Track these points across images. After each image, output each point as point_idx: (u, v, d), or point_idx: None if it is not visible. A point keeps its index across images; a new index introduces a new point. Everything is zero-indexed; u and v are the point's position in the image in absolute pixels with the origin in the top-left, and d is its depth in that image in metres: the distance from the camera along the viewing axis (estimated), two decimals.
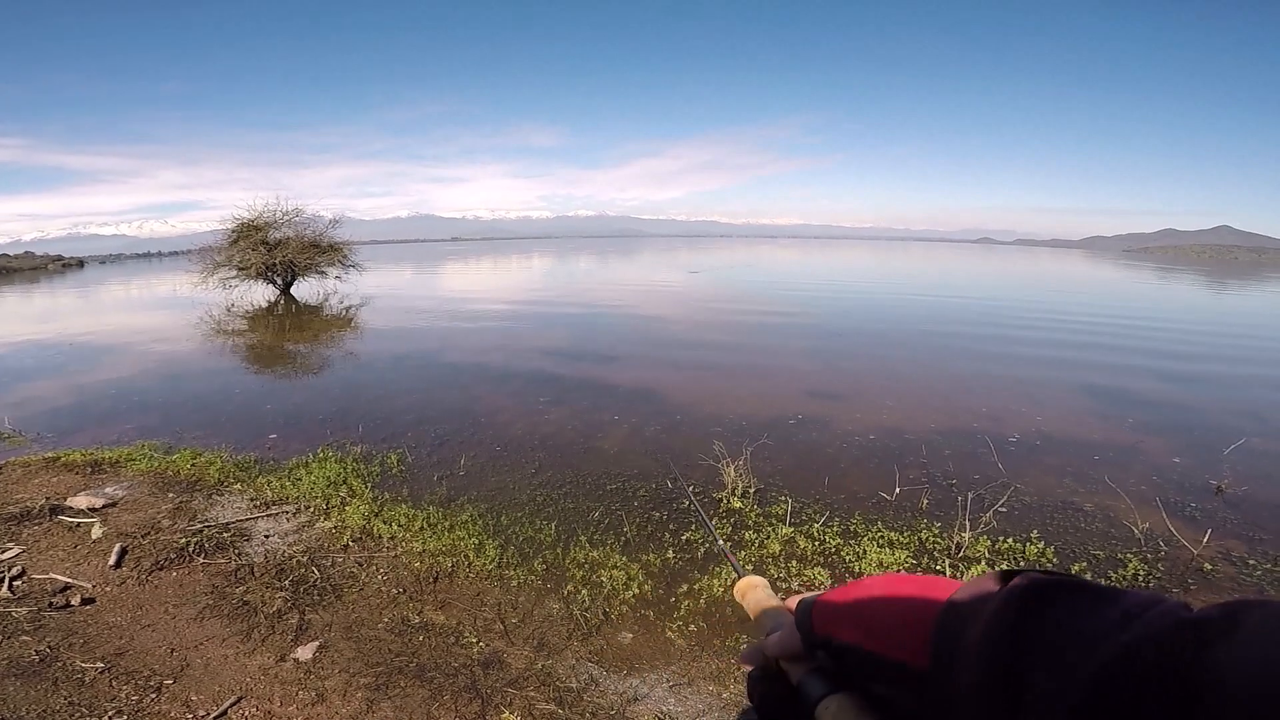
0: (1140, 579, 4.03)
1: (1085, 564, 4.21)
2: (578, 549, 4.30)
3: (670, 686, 3.01)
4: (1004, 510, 4.86)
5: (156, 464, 5.86)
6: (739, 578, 0.76)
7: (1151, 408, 8.26)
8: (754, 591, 0.72)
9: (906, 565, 4.16)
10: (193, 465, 5.80)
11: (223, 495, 5.18)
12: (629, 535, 4.56)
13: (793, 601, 0.63)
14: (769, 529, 4.61)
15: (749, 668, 0.60)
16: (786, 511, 4.85)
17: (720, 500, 5.12)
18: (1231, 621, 0.29)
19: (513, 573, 3.99)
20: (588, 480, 5.61)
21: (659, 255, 66.02)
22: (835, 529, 4.65)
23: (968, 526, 4.44)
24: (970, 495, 4.97)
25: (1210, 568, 4.18)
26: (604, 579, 3.91)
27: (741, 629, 3.51)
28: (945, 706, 0.39)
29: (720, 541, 0.91)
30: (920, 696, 0.42)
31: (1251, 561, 4.27)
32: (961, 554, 4.29)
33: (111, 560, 4.02)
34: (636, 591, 3.81)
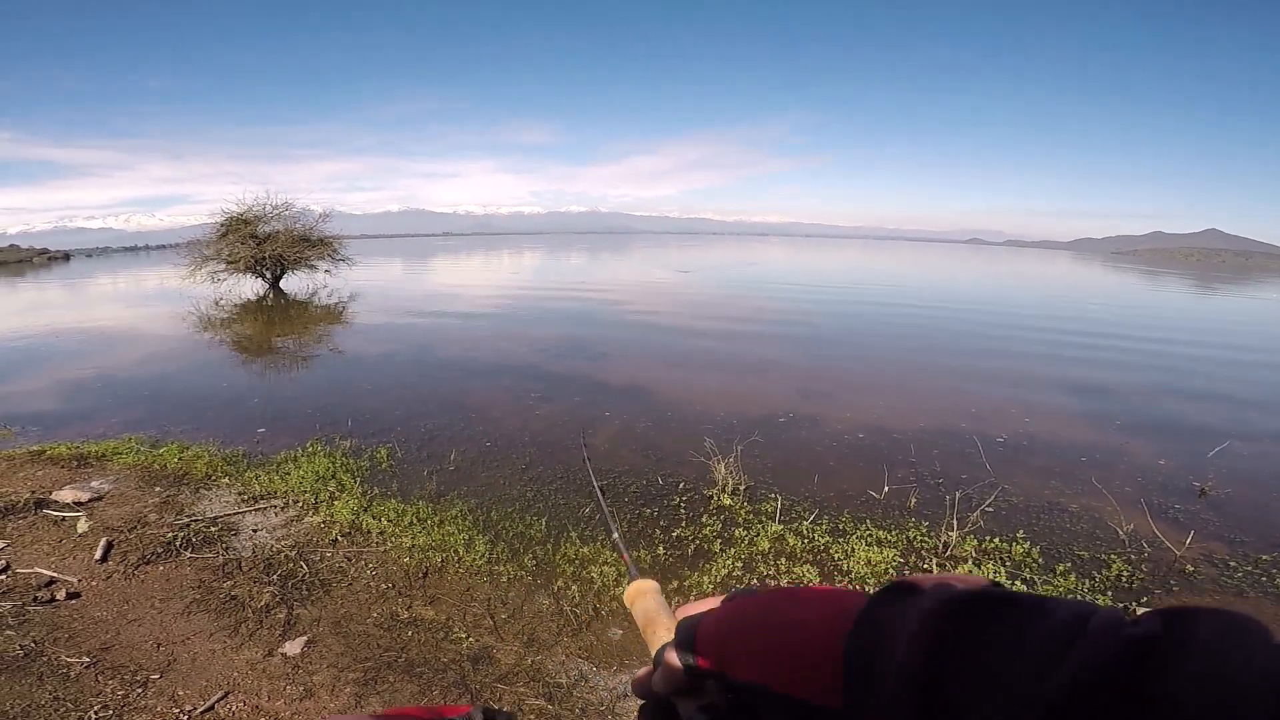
0: (1124, 580, 4.08)
1: (1070, 564, 4.25)
2: (568, 545, 4.30)
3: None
4: (991, 510, 4.90)
5: (143, 458, 5.81)
6: (630, 580, 0.68)
7: (1138, 410, 8.34)
8: (642, 599, 0.63)
9: (894, 563, 4.19)
10: (180, 459, 5.75)
11: (210, 489, 5.14)
12: (620, 532, 4.57)
13: (682, 611, 0.54)
14: (759, 526, 4.63)
15: (640, 699, 0.52)
16: (776, 509, 4.87)
17: (711, 497, 5.13)
18: (1181, 638, 0.27)
19: (503, 568, 3.99)
20: (578, 476, 5.61)
21: (649, 252, 66.04)
22: (824, 527, 4.67)
23: (955, 526, 4.47)
24: (958, 495, 5.01)
25: (1192, 570, 4.23)
26: (594, 575, 3.92)
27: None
28: None
29: (615, 534, 0.84)
30: None
31: (1233, 564, 4.33)
32: (949, 553, 4.32)
33: (97, 554, 3.98)
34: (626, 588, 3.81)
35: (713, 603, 0.51)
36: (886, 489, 5.32)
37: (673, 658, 0.47)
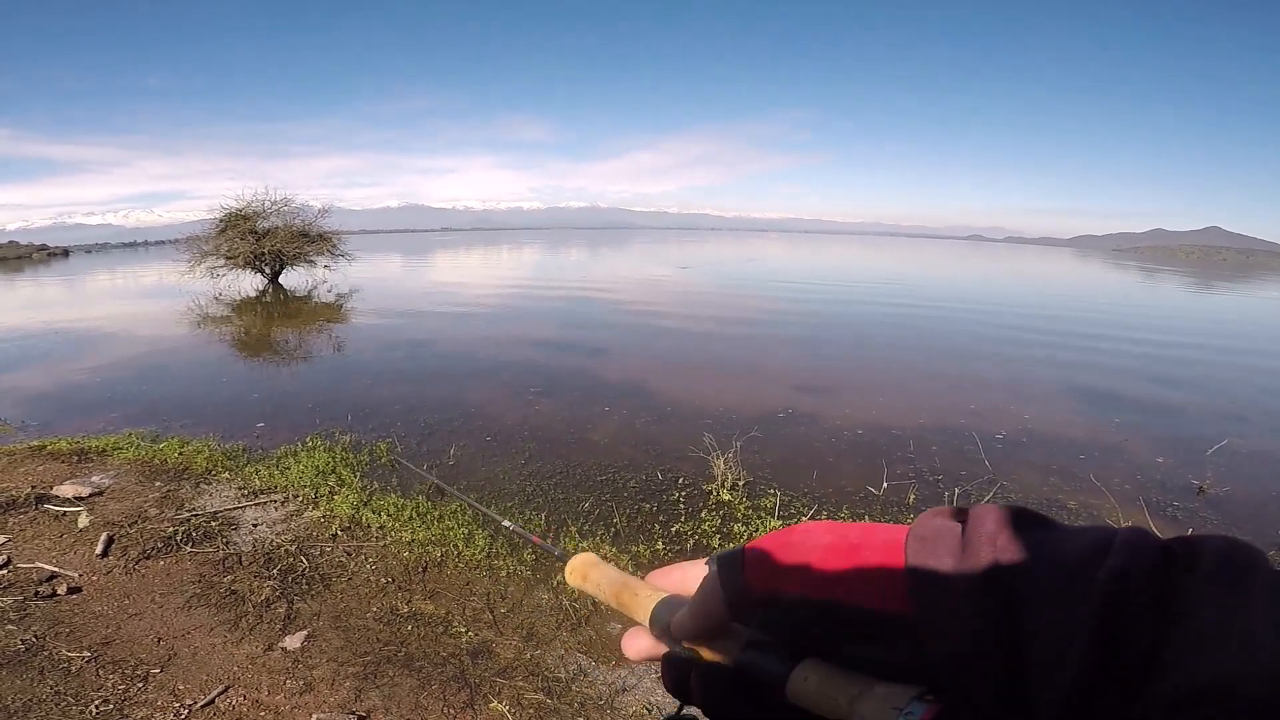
0: None
1: None
2: (568, 539, 4.31)
3: (658, 678, 3.02)
4: None
5: (143, 453, 5.82)
6: (564, 560, 0.64)
7: (1136, 408, 8.35)
8: (595, 571, 0.60)
9: None
10: (180, 454, 5.76)
11: (210, 484, 5.15)
12: (619, 526, 4.58)
13: (669, 576, 0.52)
14: (758, 522, 4.64)
15: (643, 658, 0.49)
16: (775, 504, 4.88)
17: (710, 492, 5.14)
18: (1194, 555, 0.30)
19: (502, 563, 4.00)
20: (578, 471, 5.61)
21: (649, 248, 65.96)
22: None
23: None
24: (957, 491, 5.03)
25: None
26: None
27: None
28: (943, 650, 0.34)
29: (506, 522, 0.80)
30: (910, 647, 0.36)
31: None
32: None
33: (98, 549, 3.99)
34: None
35: (690, 567, 0.50)
36: (885, 485, 5.33)
37: (707, 595, 0.43)
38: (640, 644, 0.49)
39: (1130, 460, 6.29)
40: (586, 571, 0.60)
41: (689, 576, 0.50)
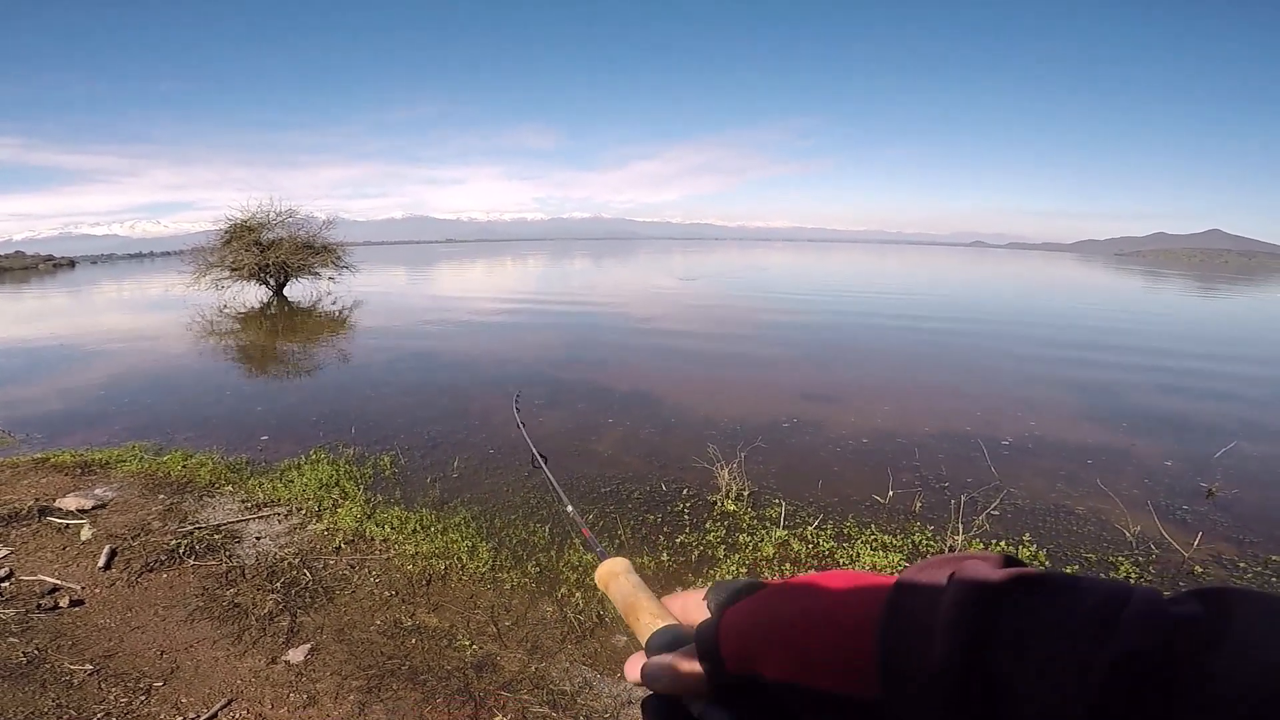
0: (1133, 582, 4.04)
1: (1078, 566, 4.22)
2: (572, 552, 4.28)
3: None
4: (996, 513, 4.87)
5: (147, 465, 5.82)
6: (600, 559, 0.65)
7: (1143, 411, 8.30)
8: (616, 580, 0.60)
9: (900, 568, 4.15)
10: (184, 467, 5.76)
11: (214, 497, 5.14)
12: (624, 538, 4.56)
13: (674, 603, 0.52)
14: (763, 532, 4.61)
15: (635, 682, 0.48)
16: (780, 514, 4.85)
17: (714, 503, 5.11)
18: (1222, 619, 0.26)
19: (506, 575, 3.98)
20: (582, 483, 5.59)
21: (653, 259, 66.02)
22: (829, 532, 4.65)
23: (960, 529, 4.45)
24: (963, 498, 4.99)
25: (1201, 570, 4.20)
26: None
27: None
28: None
29: (571, 508, 0.81)
30: None
31: (1242, 564, 4.30)
32: None
33: (101, 562, 3.98)
34: None
35: (692, 596, 0.50)
36: (891, 493, 5.30)
37: (689, 662, 0.44)
38: (635, 670, 0.48)
39: (1138, 464, 6.25)
40: (608, 579, 0.62)
41: (689, 606, 0.51)
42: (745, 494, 5.22)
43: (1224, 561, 4.35)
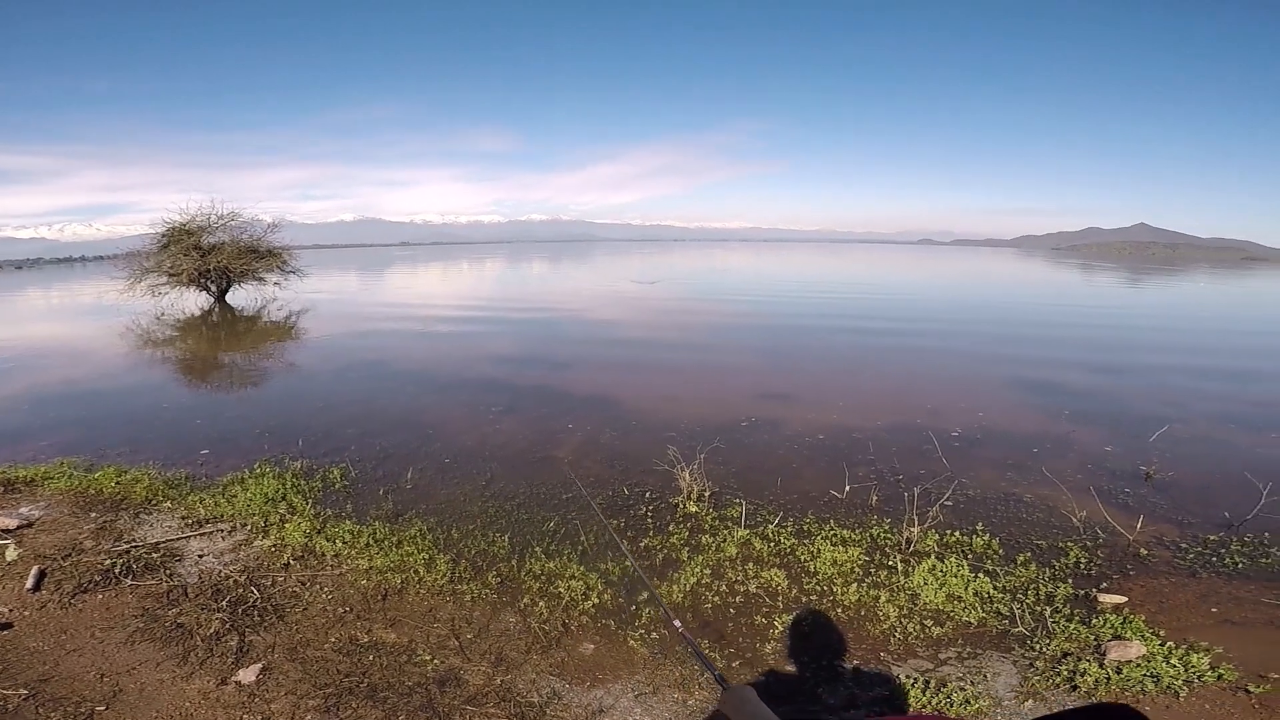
0: (1082, 567, 4.18)
1: (1030, 554, 4.33)
2: (533, 560, 4.21)
3: (635, 696, 2.96)
4: (950, 504, 4.97)
5: (77, 482, 5.50)
6: (723, 684, 0.69)
7: (1082, 398, 8.64)
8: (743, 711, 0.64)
9: (859, 562, 4.20)
10: (117, 483, 5.46)
11: (151, 514, 4.89)
12: (586, 545, 4.50)
13: None
14: (725, 532, 4.61)
15: None
16: (741, 514, 4.86)
17: (676, 505, 5.10)
18: None
19: (466, 587, 3.88)
20: (542, 490, 5.51)
21: (613, 261, 65.85)
22: (789, 529, 4.68)
23: (916, 521, 4.52)
24: (917, 490, 5.09)
25: (1146, 553, 4.36)
26: (562, 590, 3.83)
27: (704, 633, 3.49)
28: None
29: (677, 623, 0.84)
30: None
31: (1184, 545, 4.48)
32: (911, 549, 4.37)
33: (29, 583, 3.74)
34: (596, 601, 3.74)
35: None
36: (848, 488, 5.37)
37: None
38: None
39: (1080, 450, 6.49)
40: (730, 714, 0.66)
41: None
42: (706, 495, 5.21)
43: (1167, 543, 4.52)
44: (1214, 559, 4.29)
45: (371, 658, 3.18)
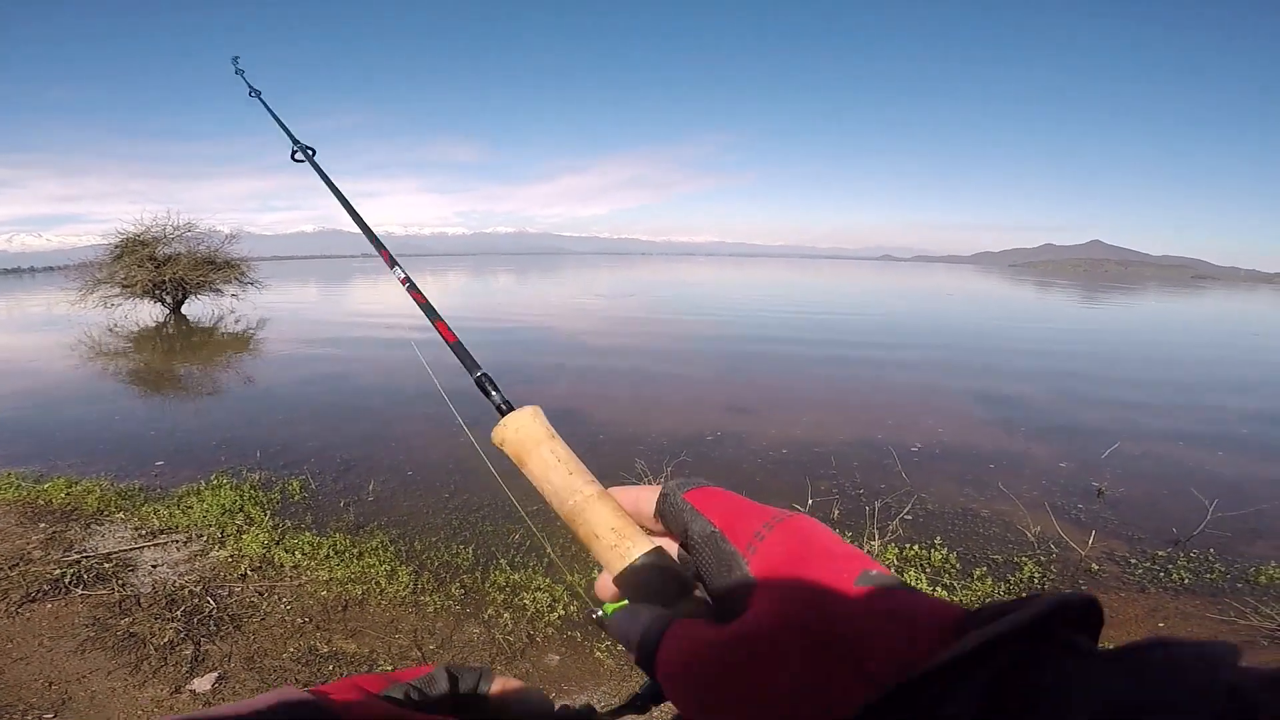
0: (1036, 582, 4.31)
1: (986, 568, 4.45)
2: (498, 572, 4.19)
3: (602, 707, 2.95)
4: (909, 518, 5.09)
5: (25, 493, 5.31)
6: (502, 416, 0.48)
7: (1037, 414, 8.93)
8: (539, 450, 0.46)
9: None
10: (67, 494, 5.29)
11: (103, 525, 4.75)
12: (552, 556, 4.49)
13: (625, 499, 0.45)
14: None
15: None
16: None
17: None
18: None
19: (428, 598, 3.85)
20: (507, 502, 5.47)
21: (579, 275, 65.81)
22: None
23: (876, 535, 4.62)
24: (878, 504, 5.19)
25: (1097, 568, 4.51)
26: (527, 601, 3.82)
27: None
28: None
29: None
30: None
31: (1133, 560, 4.64)
32: None
33: None
34: (562, 613, 3.74)
35: (644, 493, 0.44)
36: (810, 501, 5.45)
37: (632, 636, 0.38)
38: (605, 591, 0.43)
39: (1035, 466, 6.69)
40: (525, 444, 0.46)
41: (640, 500, 0.44)
42: None
43: (1117, 558, 4.68)
44: (1161, 574, 4.45)
45: (331, 668, 3.14)
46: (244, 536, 4.53)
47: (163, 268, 20.65)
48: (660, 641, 0.36)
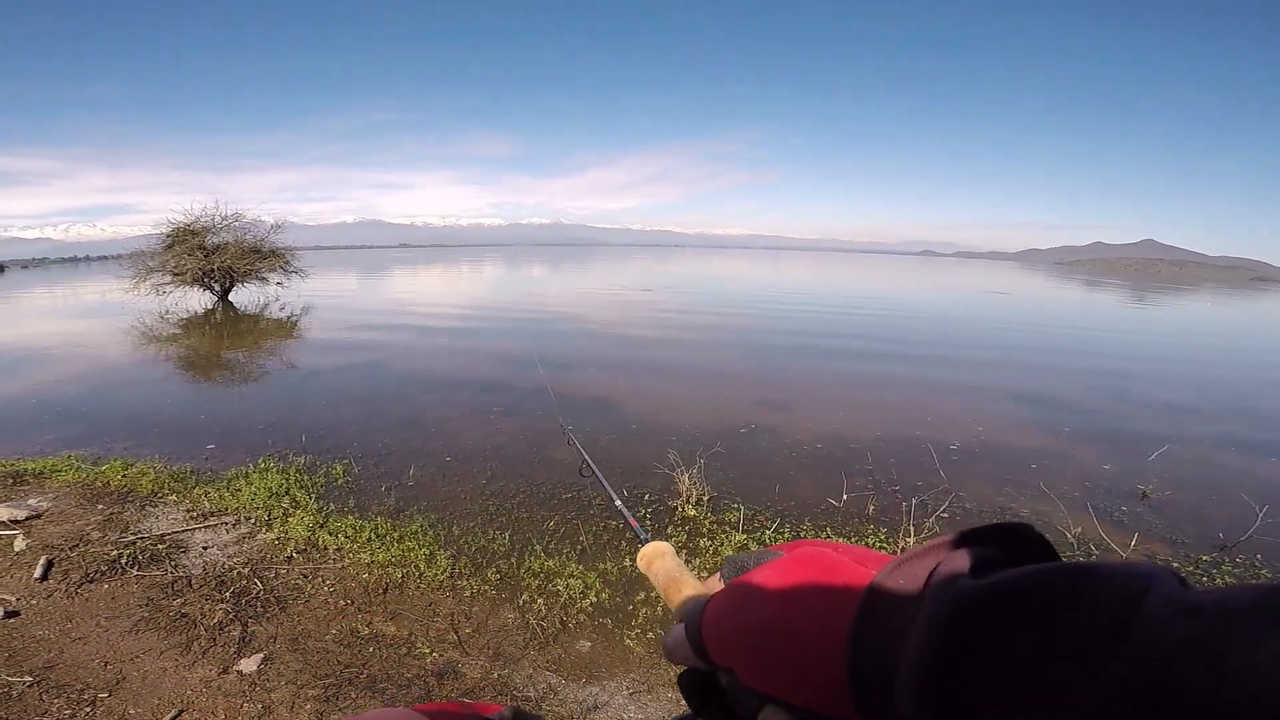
0: None
1: None
2: (533, 558, 4.26)
3: (630, 694, 3.01)
4: (946, 516, 5.03)
5: (84, 475, 5.57)
6: (642, 544, 0.66)
7: (1083, 416, 8.67)
8: (660, 560, 0.62)
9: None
10: (123, 476, 5.53)
11: (157, 507, 4.95)
12: (585, 544, 4.55)
13: (713, 583, 0.49)
14: (722, 536, 4.66)
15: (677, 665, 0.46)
16: (739, 519, 4.91)
17: (675, 509, 5.15)
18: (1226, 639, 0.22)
19: (466, 583, 3.93)
20: (542, 489, 5.57)
21: (613, 266, 65.95)
22: (786, 535, 4.73)
23: (912, 532, 4.58)
24: (914, 501, 5.13)
25: None
26: (560, 588, 3.89)
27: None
28: None
29: (618, 501, 0.82)
30: None
31: (1176, 564, 4.52)
32: None
33: (37, 573, 3.80)
34: (594, 600, 3.80)
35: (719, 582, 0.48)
36: (845, 497, 5.42)
37: (683, 647, 0.42)
38: (668, 644, 0.47)
39: (1078, 468, 6.52)
40: (652, 559, 0.63)
41: (717, 583, 0.49)
42: (705, 499, 5.27)
43: (1159, 562, 4.56)
44: (1205, 579, 4.32)
45: (372, 649, 3.24)
46: (290, 519, 4.69)
47: (211, 256, 21.30)
48: (702, 615, 0.41)
